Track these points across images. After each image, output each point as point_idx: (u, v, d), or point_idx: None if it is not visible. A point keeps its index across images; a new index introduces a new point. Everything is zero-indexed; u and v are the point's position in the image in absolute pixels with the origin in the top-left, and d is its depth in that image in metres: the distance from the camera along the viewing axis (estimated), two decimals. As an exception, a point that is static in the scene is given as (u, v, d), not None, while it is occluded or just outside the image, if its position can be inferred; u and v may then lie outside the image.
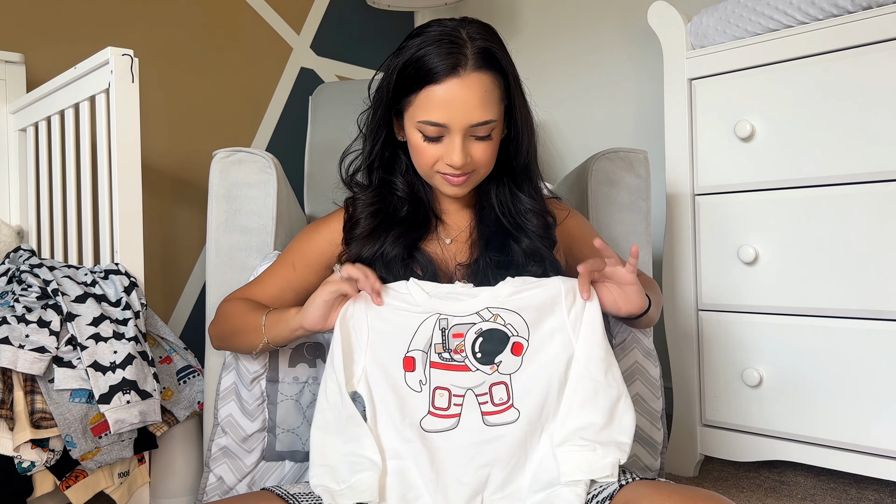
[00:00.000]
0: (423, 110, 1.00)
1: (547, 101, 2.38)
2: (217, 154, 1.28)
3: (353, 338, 0.98)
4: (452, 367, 0.95)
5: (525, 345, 0.96)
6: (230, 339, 1.12)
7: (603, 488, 0.89)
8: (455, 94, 0.98)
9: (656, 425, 1.28)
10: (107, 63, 1.32)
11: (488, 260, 1.07)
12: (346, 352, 0.97)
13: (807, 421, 1.46)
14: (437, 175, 1.04)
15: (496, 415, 0.95)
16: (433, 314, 0.97)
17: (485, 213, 1.12)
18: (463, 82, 0.98)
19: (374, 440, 0.94)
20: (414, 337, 0.96)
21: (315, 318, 0.98)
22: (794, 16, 1.45)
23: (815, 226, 1.44)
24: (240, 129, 2.21)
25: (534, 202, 1.10)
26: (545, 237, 1.09)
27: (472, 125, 0.99)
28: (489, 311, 0.97)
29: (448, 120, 0.99)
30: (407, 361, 0.96)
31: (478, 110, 0.99)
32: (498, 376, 0.95)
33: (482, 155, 1.03)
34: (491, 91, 1.00)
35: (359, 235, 1.09)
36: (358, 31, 2.50)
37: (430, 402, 0.95)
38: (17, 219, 1.73)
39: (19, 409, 1.09)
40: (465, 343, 0.95)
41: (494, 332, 0.96)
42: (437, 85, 0.98)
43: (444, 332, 0.96)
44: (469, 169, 1.03)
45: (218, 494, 1.17)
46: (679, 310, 1.63)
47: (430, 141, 1.01)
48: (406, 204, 1.11)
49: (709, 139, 1.59)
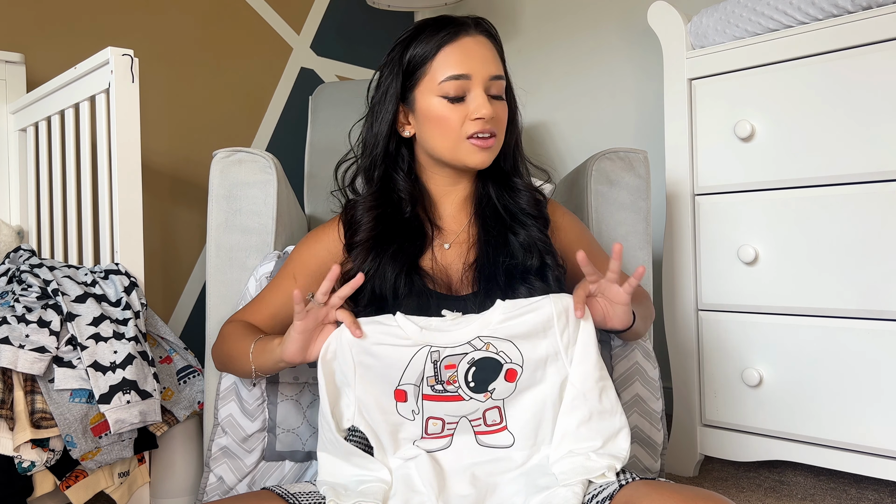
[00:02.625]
0: (444, 68, 1.05)
1: (547, 101, 2.38)
2: (217, 154, 1.28)
3: (337, 377, 0.96)
4: (445, 398, 0.94)
5: (519, 371, 0.95)
6: (228, 364, 1.10)
7: (603, 488, 0.89)
8: (472, 47, 1.05)
9: (656, 426, 1.28)
10: (107, 63, 1.32)
11: (491, 260, 1.06)
12: (331, 395, 0.96)
13: (807, 421, 1.46)
14: (464, 144, 1.06)
15: (489, 435, 0.95)
16: (423, 346, 0.94)
17: (483, 208, 1.12)
18: (475, 39, 1.06)
19: (380, 463, 0.94)
20: (405, 371, 0.94)
21: (293, 351, 0.95)
22: (794, 16, 1.45)
23: (815, 226, 1.44)
24: (240, 129, 2.21)
25: (523, 181, 1.14)
26: (538, 216, 1.11)
27: (492, 77, 1.05)
28: (480, 339, 0.94)
29: (470, 69, 1.04)
30: (398, 394, 0.95)
31: (493, 63, 1.06)
32: (492, 402, 0.95)
33: (502, 114, 1.08)
34: (497, 53, 1.09)
35: (360, 242, 1.08)
36: (358, 31, 2.50)
37: (424, 429, 0.95)
38: (17, 219, 1.73)
39: (19, 408, 1.09)
40: (458, 374, 0.94)
41: (487, 360, 0.94)
42: (452, 44, 1.05)
43: (435, 364, 0.94)
44: (494, 126, 1.06)
45: (218, 494, 1.17)
46: (679, 310, 1.63)
47: (454, 102, 1.05)
48: (408, 204, 1.10)
49: (709, 139, 1.59)
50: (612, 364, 1.25)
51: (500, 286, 1.04)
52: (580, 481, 0.90)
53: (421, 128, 1.08)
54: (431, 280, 1.06)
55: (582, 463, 0.92)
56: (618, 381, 1.25)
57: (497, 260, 1.07)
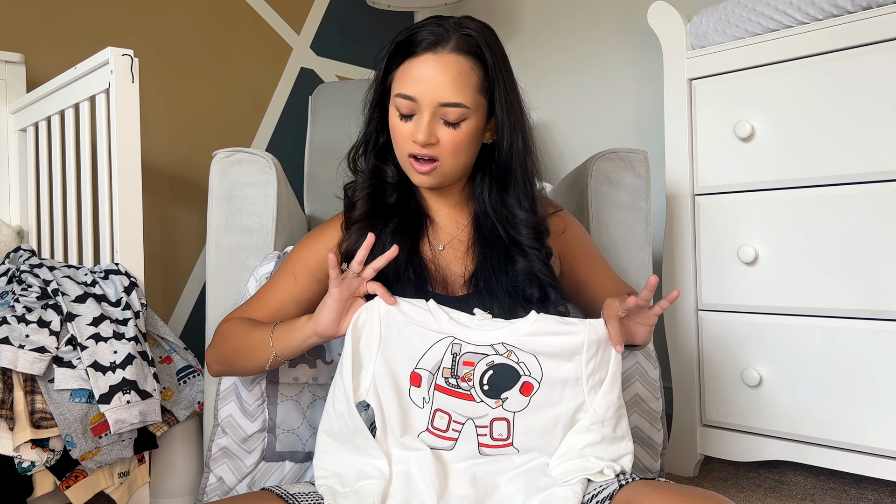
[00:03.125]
0: (399, 83, 1.01)
1: (547, 101, 2.38)
2: (217, 154, 1.28)
3: (363, 345, 0.96)
4: (457, 394, 0.94)
5: (535, 386, 0.95)
6: (233, 361, 1.08)
7: (603, 488, 0.89)
8: (428, 69, 0.99)
9: (656, 426, 1.28)
10: (107, 63, 1.32)
11: (492, 279, 1.05)
12: (355, 360, 0.96)
13: (807, 421, 1.46)
14: (407, 160, 1.04)
15: (493, 448, 0.95)
16: (447, 337, 0.95)
17: (480, 219, 1.10)
18: (438, 59, 1.00)
19: (381, 451, 0.93)
20: (424, 355, 0.95)
21: (328, 321, 0.96)
22: (794, 16, 1.45)
23: (814, 226, 1.44)
24: (240, 129, 2.21)
25: (523, 211, 1.08)
26: (539, 248, 1.07)
27: (441, 104, 0.99)
28: (504, 345, 0.95)
29: (418, 94, 0.99)
30: (414, 377, 0.95)
31: (448, 89, 0.99)
32: (502, 412, 0.94)
33: (448, 141, 1.01)
34: (466, 76, 1.00)
35: (356, 218, 1.09)
36: (358, 31, 2.50)
37: (430, 420, 0.95)
38: (17, 219, 1.73)
39: (19, 409, 1.09)
40: (475, 373, 0.94)
41: (506, 367, 0.94)
42: (413, 59, 1.00)
43: (455, 357, 0.95)
44: (434, 153, 1.01)
45: (218, 495, 1.17)
46: (679, 310, 1.63)
47: (404, 119, 1.02)
48: (395, 191, 1.10)
49: (709, 139, 1.59)
50: (612, 364, 1.25)
51: (500, 301, 1.03)
52: (580, 480, 0.90)
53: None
54: (429, 274, 1.06)
55: (581, 464, 0.93)
56: (618, 382, 1.25)
57: (500, 279, 1.05)
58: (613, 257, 1.37)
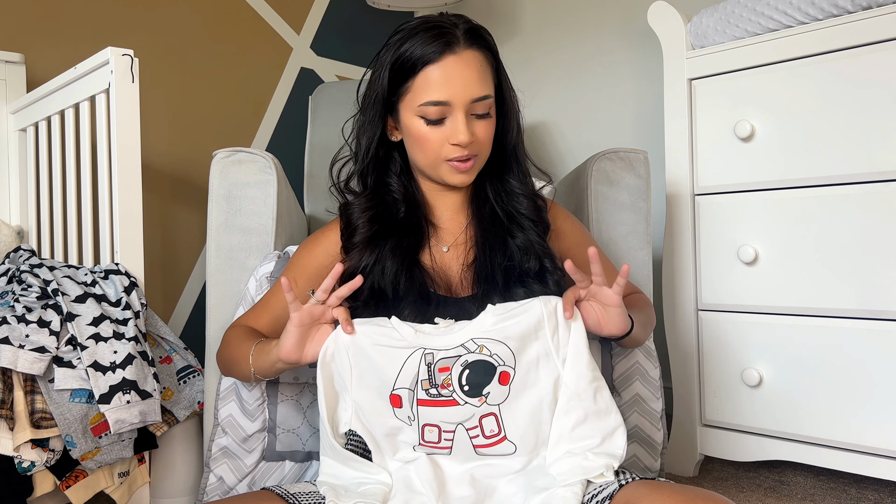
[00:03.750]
0: (423, 92, 1.01)
1: (547, 101, 2.38)
2: (217, 154, 1.28)
3: (336, 381, 0.97)
4: (440, 403, 0.94)
5: (512, 374, 0.95)
6: (230, 368, 1.10)
7: (602, 488, 0.89)
8: (454, 70, 1.00)
9: (656, 426, 1.28)
10: (107, 63, 1.32)
11: (489, 261, 1.06)
12: (329, 399, 0.96)
13: (807, 421, 1.46)
14: (444, 164, 1.04)
15: (489, 447, 0.95)
16: (418, 349, 0.95)
17: (481, 209, 1.11)
18: (460, 59, 1.01)
19: (379, 467, 0.94)
20: (399, 374, 0.94)
21: (288, 346, 0.95)
22: (794, 16, 1.45)
23: (814, 226, 1.44)
24: (240, 129, 2.21)
25: (523, 186, 1.11)
26: (537, 221, 1.10)
27: (474, 100, 1.01)
28: (474, 342, 0.95)
29: (450, 96, 1.00)
30: (393, 399, 0.95)
31: (477, 84, 1.01)
32: (487, 408, 0.94)
33: (484, 133, 1.04)
34: (485, 67, 1.03)
35: (358, 243, 1.08)
36: (358, 31, 2.50)
37: (420, 436, 0.95)
38: (17, 219, 1.73)
39: (19, 409, 1.09)
40: (452, 376, 0.94)
41: (480, 363, 0.94)
42: (434, 64, 1.00)
43: (429, 367, 0.94)
44: (474, 150, 1.03)
45: (218, 494, 1.17)
46: (679, 310, 1.63)
47: (433, 124, 1.02)
48: (402, 205, 1.10)
49: (708, 139, 1.59)
50: (612, 363, 1.25)
51: (499, 287, 1.04)
52: (579, 481, 0.90)
53: (405, 139, 1.08)
54: (431, 279, 1.06)
55: (580, 463, 0.92)
56: (618, 381, 1.25)
57: (494, 261, 1.06)
58: (614, 257, 1.37)
